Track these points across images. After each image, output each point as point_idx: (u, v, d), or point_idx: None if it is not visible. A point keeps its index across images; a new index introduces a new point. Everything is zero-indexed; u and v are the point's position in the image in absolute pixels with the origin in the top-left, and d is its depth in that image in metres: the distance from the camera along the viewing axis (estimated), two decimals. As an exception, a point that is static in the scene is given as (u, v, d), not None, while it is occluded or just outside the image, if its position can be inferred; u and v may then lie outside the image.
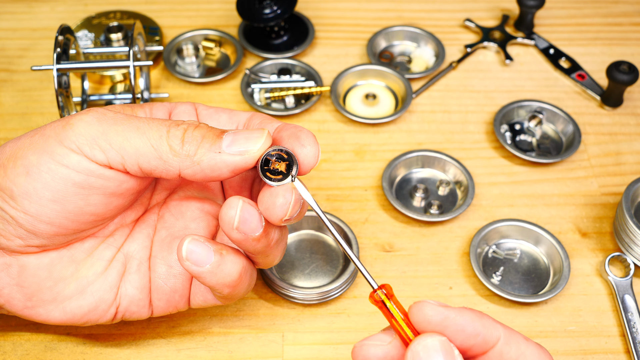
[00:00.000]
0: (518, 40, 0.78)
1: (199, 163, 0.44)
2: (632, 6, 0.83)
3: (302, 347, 0.55)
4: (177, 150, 0.44)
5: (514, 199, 0.65)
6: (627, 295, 0.58)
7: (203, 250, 0.45)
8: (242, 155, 0.44)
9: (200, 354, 0.55)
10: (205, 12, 0.80)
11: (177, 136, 0.45)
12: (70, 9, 0.80)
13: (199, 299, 0.50)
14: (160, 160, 0.44)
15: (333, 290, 0.57)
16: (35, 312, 0.49)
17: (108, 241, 0.50)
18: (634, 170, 0.67)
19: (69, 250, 0.48)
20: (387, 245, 0.62)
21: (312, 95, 0.71)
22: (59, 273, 0.48)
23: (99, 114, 0.46)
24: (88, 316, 0.49)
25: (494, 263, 0.61)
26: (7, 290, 0.48)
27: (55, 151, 0.45)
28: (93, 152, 0.44)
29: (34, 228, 0.45)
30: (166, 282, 0.49)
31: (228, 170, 0.44)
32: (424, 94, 0.73)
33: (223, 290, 0.47)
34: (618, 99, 0.72)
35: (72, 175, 0.44)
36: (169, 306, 0.50)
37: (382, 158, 0.67)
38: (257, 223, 0.44)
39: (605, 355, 0.56)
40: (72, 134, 0.45)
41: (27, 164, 0.45)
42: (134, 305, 0.50)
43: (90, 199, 0.45)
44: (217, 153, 0.44)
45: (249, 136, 0.44)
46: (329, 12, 0.81)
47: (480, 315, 0.40)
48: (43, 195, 0.44)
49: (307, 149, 0.45)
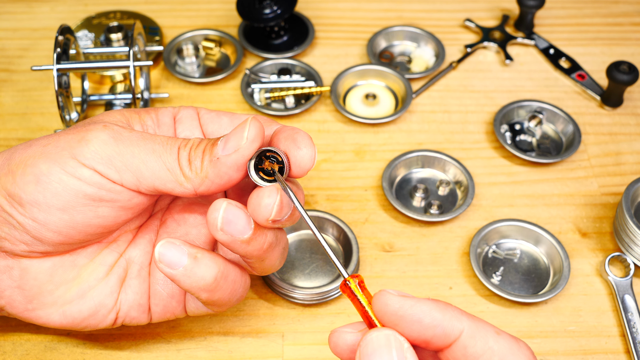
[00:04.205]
0: (518, 40, 0.78)
1: (207, 176, 0.45)
2: (632, 6, 0.83)
3: (302, 347, 0.55)
4: (187, 174, 0.45)
5: (514, 199, 0.65)
6: (627, 295, 0.58)
7: (176, 253, 0.45)
8: (237, 151, 0.44)
9: (200, 354, 0.55)
10: (205, 12, 0.80)
11: (185, 158, 0.46)
12: (70, 9, 0.80)
13: (192, 306, 0.51)
14: (176, 184, 0.45)
15: (333, 290, 0.57)
16: (36, 314, 0.49)
17: (111, 247, 0.50)
18: (634, 170, 0.67)
19: (72, 256, 0.48)
20: (387, 245, 0.62)
21: (312, 95, 0.71)
22: (60, 277, 0.48)
23: (115, 133, 0.46)
24: (88, 321, 0.49)
25: (494, 263, 0.61)
26: (8, 292, 0.48)
27: (68, 163, 0.45)
28: (107, 171, 0.45)
29: (41, 235, 0.46)
30: (164, 288, 0.50)
31: (233, 171, 0.45)
32: (424, 94, 0.73)
33: (200, 295, 0.47)
34: (618, 99, 0.72)
35: (84, 187, 0.45)
36: (167, 312, 0.51)
37: (382, 158, 0.67)
38: (245, 225, 0.45)
39: (605, 355, 0.56)
40: (87, 150, 0.45)
41: (37, 173, 0.45)
42: (134, 310, 0.50)
43: (99, 210, 0.46)
44: (217, 160, 0.45)
45: (236, 131, 0.45)
46: (329, 12, 0.81)
47: (442, 306, 0.39)
48: (52, 204, 0.45)
49: (303, 151, 0.45)
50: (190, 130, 0.50)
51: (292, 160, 0.45)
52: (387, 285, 0.59)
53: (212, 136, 0.50)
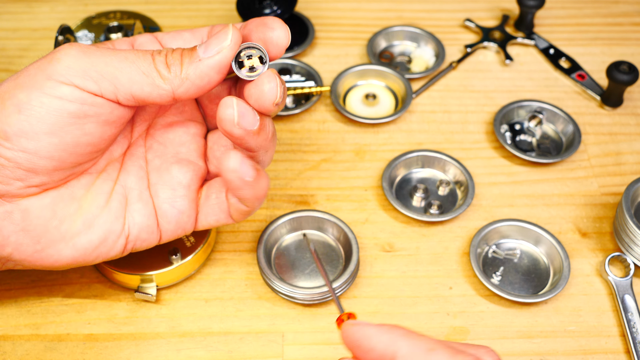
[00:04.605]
0: (518, 40, 0.78)
1: (187, 78, 0.47)
2: (632, 6, 0.83)
3: (302, 347, 0.55)
4: (165, 75, 0.47)
5: (514, 199, 0.65)
6: (627, 295, 0.58)
7: (246, 163, 0.47)
8: (219, 53, 0.47)
9: (200, 354, 0.55)
10: (205, 12, 0.80)
11: (162, 62, 0.47)
12: (70, 9, 0.80)
13: (212, 219, 0.53)
14: (153, 86, 0.46)
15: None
16: (46, 254, 0.49)
17: (102, 176, 0.50)
18: (634, 170, 0.67)
19: (67, 189, 0.49)
20: (387, 245, 0.62)
21: (312, 95, 0.71)
22: (62, 211, 0.48)
23: (84, 47, 0.46)
24: (99, 249, 0.50)
25: (494, 263, 0.61)
26: (13, 237, 0.48)
27: (45, 85, 0.45)
28: (85, 83, 0.45)
29: (34, 165, 0.46)
30: (173, 204, 0.51)
31: (215, 72, 0.47)
32: (424, 94, 0.73)
33: (254, 205, 0.50)
34: (618, 99, 0.72)
35: (66, 105, 0.45)
36: (178, 228, 0.52)
37: (382, 158, 0.67)
38: (254, 116, 0.47)
39: (605, 355, 0.56)
40: (61, 67, 0.45)
41: (17, 103, 0.45)
42: (144, 232, 0.51)
43: (86, 127, 0.46)
44: (198, 62, 0.46)
45: (218, 35, 0.47)
46: (329, 12, 0.81)
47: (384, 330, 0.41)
48: (39, 129, 0.45)
49: (277, 31, 0.48)
50: None
51: (269, 42, 0.48)
52: (387, 285, 0.59)
53: None
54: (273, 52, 0.49)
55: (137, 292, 0.56)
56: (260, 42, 0.49)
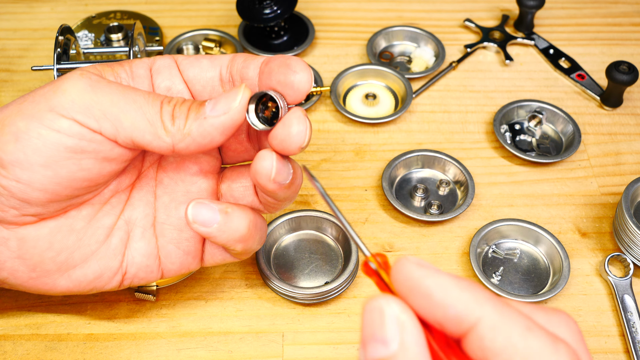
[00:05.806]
0: (518, 41, 0.78)
1: (189, 134, 0.45)
2: (632, 6, 0.83)
3: (302, 347, 0.55)
4: (168, 127, 0.45)
5: (514, 199, 0.65)
6: (626, 295, 0.58)
7: (208, 211, 0.47)
8: (225, 114, 0.45)
9: (200, 354, 0.55)
10: (205, 12, 0.80)
11: (169, 112, 0.45)
12: (70, 9, 0.80)
13: (218, 258, 0.52)
14: (154, 136, 0.45)
15: (333, 290, 0.57)
16: (42, 282, 0.48)
17: (105, 209, 0.49)
18: (633, 170, 0.68)
19: (67, 219, 0.47)
20: (387, 245, 0.62)
21: (312, 95, 0.71)
22: (60, 243, 0.47)
23: (93, 81, 0.45)
24: (94, 283, 0.49)
25: (494, 263, 0.61)
26: (9, 263, 0.47)
27: (46, 116, 0.44)
28: (86, 120, 0.44)
29: (27, 196, 0.44)
30: (179, 246, 0.50)
31: (218, 133, 0.45)
32: (424, 94, 0.73)
33: (236, 247, 0.48)
34: (618, 99, 0.72)
35: (64, 139, 0.44)
36: (182, 268, 0.51)
37: (382, 158, 0.67)
38: (288, 171, 0.46)
39: (604, 355, 0.56)
40: (65, 100, 0.44)
41: (15, 131, 0.44)
42: (142, 271, 0.50)
43: (83, 163, 0.45)
44: (204, 119, 0.45)
45: (228, 94, 0.45)
46: (329, 12, 0.81)
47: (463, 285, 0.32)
48: (34, 160, 0.44)
49: (300, 75, 0.45)
50: (170, 79, 0.49)
51: (289, 86, 0.45)
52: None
53: (194, 82, 0.49)
54: (291, 97, 0.46)
55: (137, 292, 0.56)
56: (280, 85, 0.46)
